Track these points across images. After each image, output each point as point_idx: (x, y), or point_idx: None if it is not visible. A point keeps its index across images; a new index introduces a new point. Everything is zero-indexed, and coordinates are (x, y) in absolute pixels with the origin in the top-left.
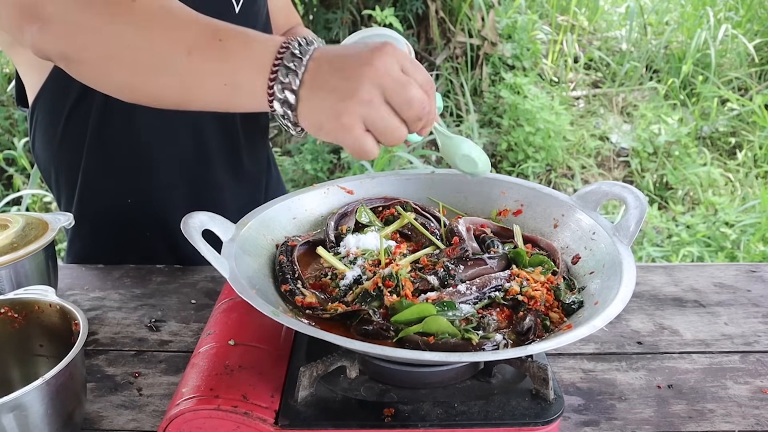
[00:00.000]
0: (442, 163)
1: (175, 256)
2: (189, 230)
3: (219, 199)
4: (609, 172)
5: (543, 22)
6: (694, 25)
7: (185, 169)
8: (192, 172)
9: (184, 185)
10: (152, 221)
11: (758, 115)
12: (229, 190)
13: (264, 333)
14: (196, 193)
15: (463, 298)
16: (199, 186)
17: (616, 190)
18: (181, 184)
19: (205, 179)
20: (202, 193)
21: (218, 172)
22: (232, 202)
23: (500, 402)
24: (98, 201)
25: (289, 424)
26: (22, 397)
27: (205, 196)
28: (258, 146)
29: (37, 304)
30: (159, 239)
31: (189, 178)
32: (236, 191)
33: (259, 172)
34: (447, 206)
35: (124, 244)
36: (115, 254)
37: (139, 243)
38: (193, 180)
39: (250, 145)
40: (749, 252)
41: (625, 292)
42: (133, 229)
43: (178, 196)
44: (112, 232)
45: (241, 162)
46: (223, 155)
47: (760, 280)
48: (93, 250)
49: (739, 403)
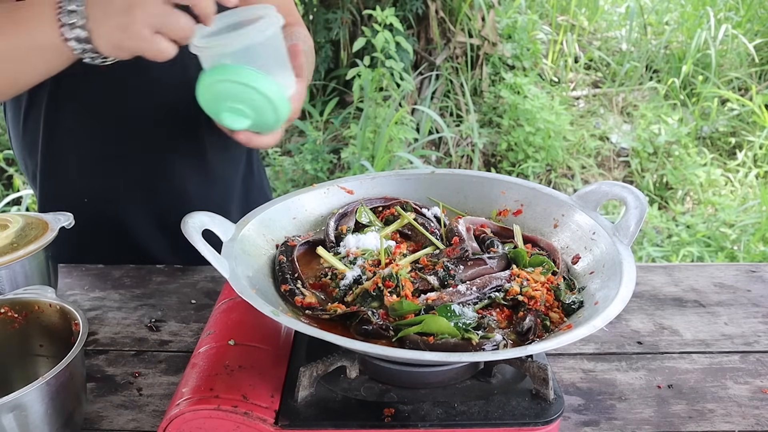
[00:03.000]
0: (442, 163)
1: (135, 255)
2: (189, 230)
3: (180, 200)
4: (609, 172)
5: (543, 22)
6: (694, 25)
7: (143, 168)
8: (151, 172)
9: (142, 185)
10: (111, 221)
11: (758, 115)
12: (194, 192)
13: (264, 333)
14: (155, 193)
15: (463, 299)
16: (158, 186)
17: (616, 190)
18: (138, 183)
19: (166, 179)
20: (162, 194)
21: (180, 173)
22: (195, 204)
23: (500, 402)
24: (60, 200)
25: (289, 424)
26: (22, 397)
27: (165, 198)
28: (230, 148)
29: (37, 304)
30: (120, 239)
31: (147, 178)
32: (201, 194)
33: (231, 176)
34: (447, 206)
35: (87, 243)
36: (77, 253)
37: (100, 243)
38: (152, 180)
39: (219, 145)
40: (749, 252)
41: (625, 292)
42: (93, 229)
43: (135, 197)
44: (74, 231)
45: (206, 163)
46: (186, 156)
47: (760, 280)
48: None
49: (739, 403)
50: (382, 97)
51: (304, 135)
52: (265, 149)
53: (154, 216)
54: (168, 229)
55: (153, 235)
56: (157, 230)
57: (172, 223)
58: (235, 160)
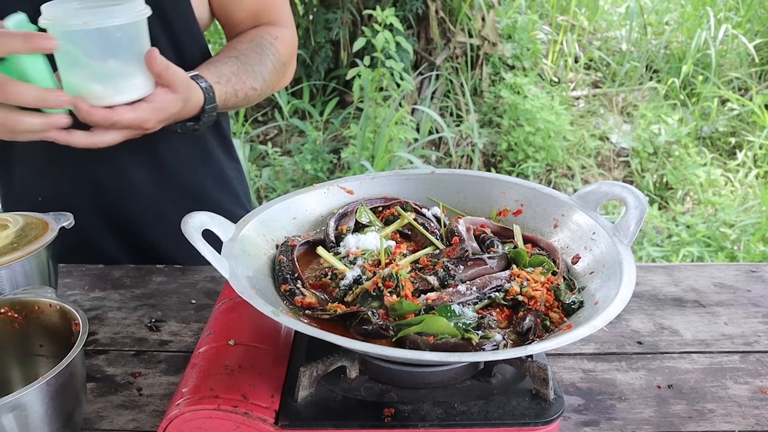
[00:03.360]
0: (442, 163)
1: (86, 253)
2: (189, 230)
3: (131, 199)
4: (609, 172)
5: (543, 22)
6: (694, 25)
7: (90, 166)
8: (98, 170)
9: (90, 183)
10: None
11: (758, 115)
12: (144, 191)
13: (264, 333)
14: (103, 191)
15: (463, 299)
16: (104, 183)
17: (616, 190)
18: (86, 182)
19: (114, 177)
20: (111, 192)
21: (129, 171)
22: (145, 204)
23: (500, 402)
24: (17, 198)
25: (289, 424)
26: (22, 397)
27: (113, 196)
28: (181, 148)
29: (37, 304)
30: (75, 237)
31: (95, 176)
32: (153, 193)
33: (189, 179)
34: (447, 206)
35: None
36: None
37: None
38: (100, 178)
39: (171, 145)
40: (749, 252)
41: (625, 292)
42: None
43: (84, 195)
44: None
45: (157, 161)
46: (135, 153)
47: (760, 280)
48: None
49: (739, 403)
50: (382, 97)
51: (304, 135)
52: (86, 148)
53: (103, 214)
54: (117, 228)
55: (102, 234)
56: (107, 229)
57: (121, 221)
58: (191, 162)
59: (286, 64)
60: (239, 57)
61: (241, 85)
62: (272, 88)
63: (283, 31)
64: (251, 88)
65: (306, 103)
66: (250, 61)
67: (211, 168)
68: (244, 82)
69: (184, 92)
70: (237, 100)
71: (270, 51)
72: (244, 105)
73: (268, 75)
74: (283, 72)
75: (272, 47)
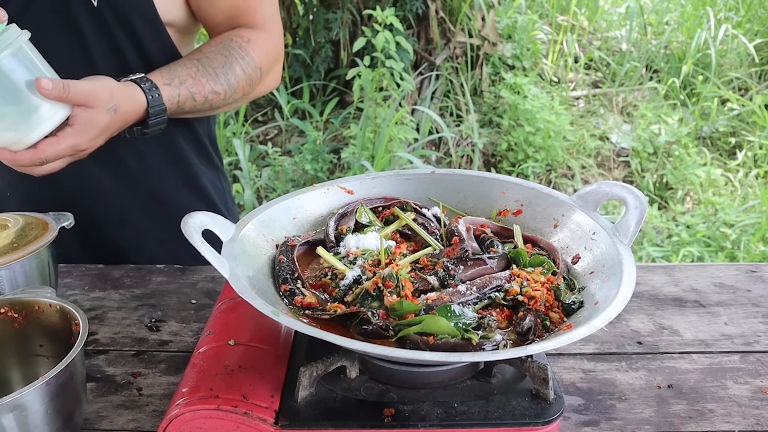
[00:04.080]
0: (442, 163)
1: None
2: (189, 230)
3: (91, 199)
4: (609, 172)
5: (543, 22)
6: (694, 25)
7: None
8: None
9: (51, 182)
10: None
11: (758, 115)
12: (106, 193)
13: (264, 333)
14: (64, 191)
15: (463, 299)
16: (65, 183)
17: (616, 190)
18: (48, 181)
19: (75, 177)
20: (73, 193)
21: (90, 171)
22: (106, 205)
23: (500, 402)
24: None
25: (289, 424)
26: (22, 397)
27: (76, 197)
28: (142, 151)
29: (37, 304)
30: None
31: (56, 175)
32: (116, 195)
33: (153, 181)
34: (447, 206)
35: None
36: None
37: None
38: (60, 177)
39: (132, 147)
40: (749, 252)
41: (625, 292)
42: None
43: (46, 194)
44: None
45: (118, 162)
46: (96, 153)
47: (760, 280)
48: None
49: (739, 403)
50: (382, 97)
51: (304, 135)
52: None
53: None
54: (79, 229)
55: (66, 234)
56: (69, 230)
57: (84, 223)
58: (156, 166)
59: (263, 69)
60: (201, 60)
61: (199, 88)
62: (244, 93)
63: (260, 35)
64: (212, 92)
65: (306, 103)
66: (213, 64)
67: (181, 173)
68: (202, 86)
69: (106, 102)
70: (195, 104)
71: (238, 54)
72: (210, 110)
73: (235, 79)
74: (260, 77)
75: (241, 50)
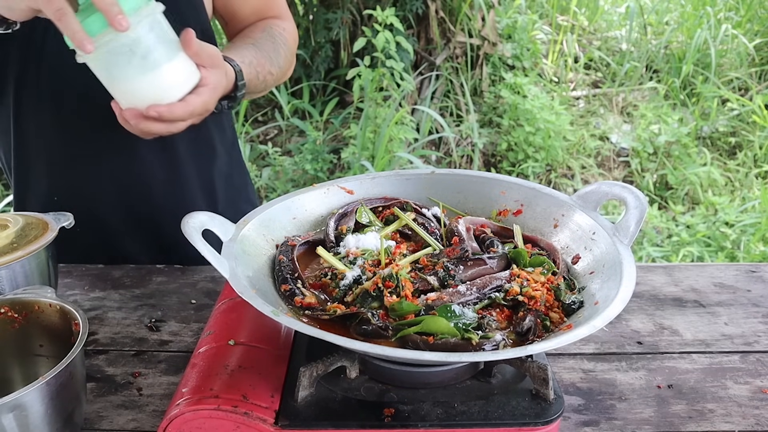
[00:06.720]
0: (442, 163)
1: (108, 253)
2: (189, 230)
3: (148, 195)
4: (609, 172)
5: (543, 22)
6: (694, 25)
7: (108, 164)
8: (117, 167)
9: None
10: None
11: (758, 115)
12: (160, 188)
13: (264, 333)
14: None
15: (463, 299)
16: (123, 182)
17: (616, 190)
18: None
19: (133, 174)
20: (130, 190)
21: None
22: (161, 201)
23: (500, 402)
24: (31, 198)
25: (289, 424)
26: (22, 397)
27: (133, 193)
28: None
29: (37, 304)
30: (93, 237)
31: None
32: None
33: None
34: (447, 206)
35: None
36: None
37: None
38: (118, 175)
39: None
40: (749, 252)
41: (625, 292)
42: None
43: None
44: None
45: (174, 157)
46: (153, 150)
47: (760, 280)
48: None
49: (739, 403)
50: (382, 97)
51: (304, 135)
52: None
53: (124, 212)
54: (139, 225)
55: (125, 231)
56: (128, 226)
57: (144, 219)
58: (207, 157)
59: (293, 54)
60: (255, 44)
61: (261, 69)
62: (284, 75)
63: (288, 25)
64: (269, 73)
65: (306, 103)
66: (266, 48)
67: (230, 174)
68: (263, 66)
69: (222, 65)
70: (257, 83)
71: (281, 40)
72: (262, 91)
73: (282, 62)
74: (292, 61)
75: (281, 37)
